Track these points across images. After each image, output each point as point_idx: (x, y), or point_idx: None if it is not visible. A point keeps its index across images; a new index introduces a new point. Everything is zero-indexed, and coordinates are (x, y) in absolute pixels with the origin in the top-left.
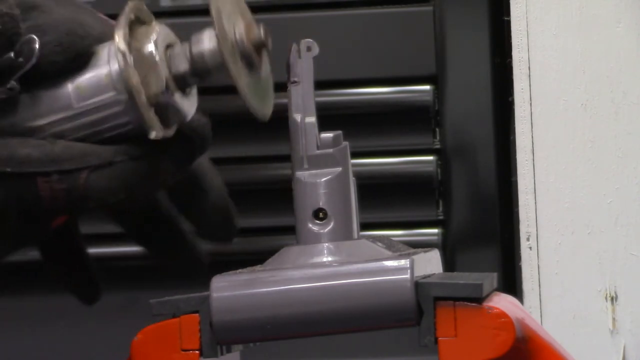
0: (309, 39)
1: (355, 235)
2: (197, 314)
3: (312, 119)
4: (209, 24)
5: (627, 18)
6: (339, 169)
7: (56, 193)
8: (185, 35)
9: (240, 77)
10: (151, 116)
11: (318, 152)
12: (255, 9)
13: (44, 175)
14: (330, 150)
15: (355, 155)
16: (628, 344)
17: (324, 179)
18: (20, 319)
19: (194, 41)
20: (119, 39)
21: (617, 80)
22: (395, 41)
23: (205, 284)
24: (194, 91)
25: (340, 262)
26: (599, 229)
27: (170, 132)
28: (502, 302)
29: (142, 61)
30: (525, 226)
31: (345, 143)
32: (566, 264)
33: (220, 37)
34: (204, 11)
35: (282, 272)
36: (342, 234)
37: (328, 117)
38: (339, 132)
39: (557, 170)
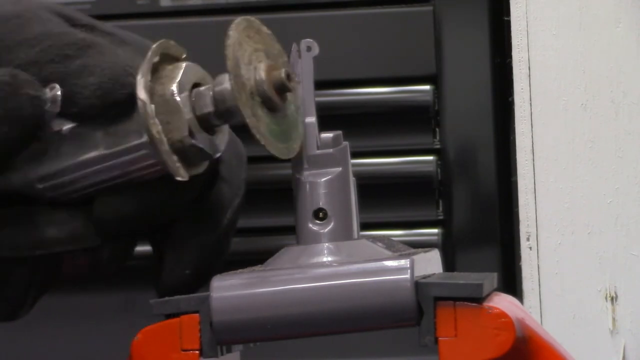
0: (309, 39)
1: (356, 235)
2: (197, 314)
3: (312, 119)
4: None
5: (627, 18)
6: (339, 169)
7: (78, 266)
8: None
9: (259, 121)
10: (174, 162)
11: (318, 152)
12: (255, 9)
13: (69, 252)
14: (331, 150)
15: (355, 155)
16: (628, 344)
17: (324, 179)
18: (21, 318)
19: (217, 82)
20: (139, 88)
21: (617, 80)
22: (395, 41)
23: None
24: (224, 127)
25: (340, 262)
26: (599, 229)
27: (200, 169)
28: (502, 302)
29: (166, 106)
30: (525, 226)
31: (345, 143)
32: (566, 264)
33: (233, 81)
34: (204, 11)
35: (282, 272)
36: (342, 234)
37: (328, 117)
38: (339, 132)
39: (557, 170)
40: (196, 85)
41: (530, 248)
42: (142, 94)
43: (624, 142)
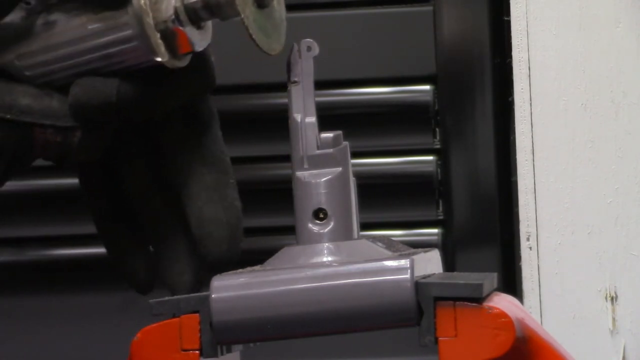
0: (309, 39)
1: (355, 235)
2: (197, 314)
3: (312, 119)
4: None
5: (627, 18)
6: (339, 169)
7: (49, 144)
8: None
9: (248, 13)
10: (157, 40)
11: (318, 152)
12: None
13: (41, 127)
14: (330, 150)
15: (355, 155)
16: (628, 344)
17: (324, 179)
18: (20, 319)
19: None
20: None
21: (617, 80)
22: (395, 41)
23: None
24: (207, 26)
25: (340, 262)
26: (599, 229)
27: (181, 63)
28: (502, 302)
29: None
30: (525, 226)
31: (345, 143)
32: (566, 264)
33: None
34: None
35: (282, 272)
36: (342, 234)
37: (328, 117)
38: (339, 132)
39: (557, 170)
40: None
41: (530, 248)
42: None
43: (624, 142)
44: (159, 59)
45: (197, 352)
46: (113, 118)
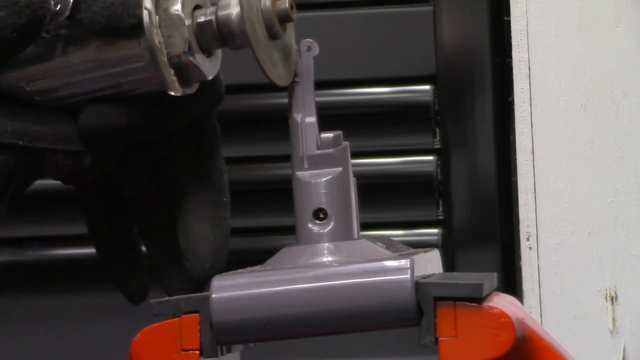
0: (309, 39)
1: (355, 235)
2: (197, 314)
3: (312, 119)
4: None
5: (627, 18)
6: (339, 169)
7: (60, 167)
8: None
9: (260, 45)
10: (171, 75)
11: (318, 152)
12: None
13: (52, 151)
14: (331, 150)
15: (355, 155)
16: (628, 344)
17: (324, 179)
18: (21, 319)
19: (221, 6)
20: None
21: (617, 80)
22: (395, 41)
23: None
24: (217, 52)
25: (340, 262)
26: (599, 229)
27: (191, 90)
28: (502, 302)
29: (168, 21)
30: (525, 226)
31: (345, 143)
32: (566, 264)
33: (245, 6)
34: None
35: (282, 272)
36: (342, 234)
37: (328, 117)
38: (339, 132)
39: (557, 170)
40: (198, 7)
41: (530, 248)
42: (148, 3)
43: (624, 142)
44: (172, 93)
45: (197, 352)
46: (124, 141)
